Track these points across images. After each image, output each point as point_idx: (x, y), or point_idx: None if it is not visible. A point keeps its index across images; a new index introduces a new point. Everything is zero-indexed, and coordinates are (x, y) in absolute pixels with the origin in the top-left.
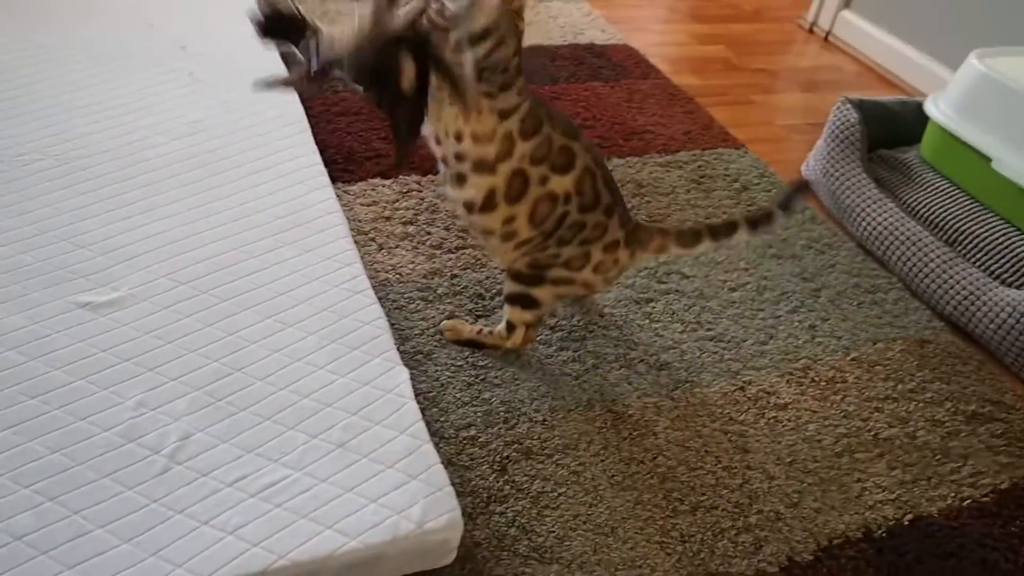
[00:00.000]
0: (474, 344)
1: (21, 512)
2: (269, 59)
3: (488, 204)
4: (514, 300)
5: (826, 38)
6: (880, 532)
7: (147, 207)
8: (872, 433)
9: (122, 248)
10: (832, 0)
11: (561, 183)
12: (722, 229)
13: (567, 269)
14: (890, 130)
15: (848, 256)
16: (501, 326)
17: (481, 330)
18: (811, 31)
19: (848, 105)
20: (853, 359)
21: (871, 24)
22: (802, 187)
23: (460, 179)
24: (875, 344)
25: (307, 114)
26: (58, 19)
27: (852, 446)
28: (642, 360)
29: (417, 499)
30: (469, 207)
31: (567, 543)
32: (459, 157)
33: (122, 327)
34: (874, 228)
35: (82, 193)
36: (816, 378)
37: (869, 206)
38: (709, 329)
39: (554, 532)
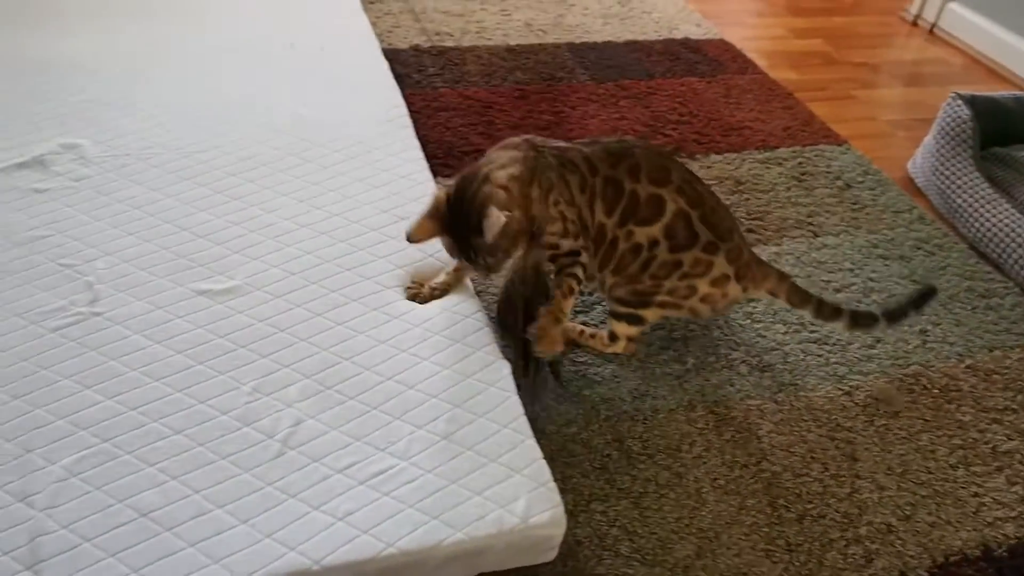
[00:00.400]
0: (574, 344)
1: (147, 489)
2: (372, 56)
3: None
4: (619, 317)
5: (931, 31)
6: (1001, 551)
7: (260, 200)
8: (990, 446)
9: (237, 239)
10: None
11: (646, 232)
12: (827, 309)
13: (672, 296)
14: (1003, 127)
15: (960, 258)
16: (604, 332)
17: (583, 331)
18: (915, 24)
19: (959, 101)
20: (968, 367)
21: (980, 15)
22: (929, 293)
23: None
24: (991, 351)
25: (409, 110)
26: (176, 20)
27: (968, 458)
28: (744, 361)
29: (521, 493)
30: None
31: (670, 546)
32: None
33: (237, 314)
34: (988, 229)
35: (201, 185)
36: (928, 385)
37: (983, 206)
38: (813, 331)
39: (656, 534)
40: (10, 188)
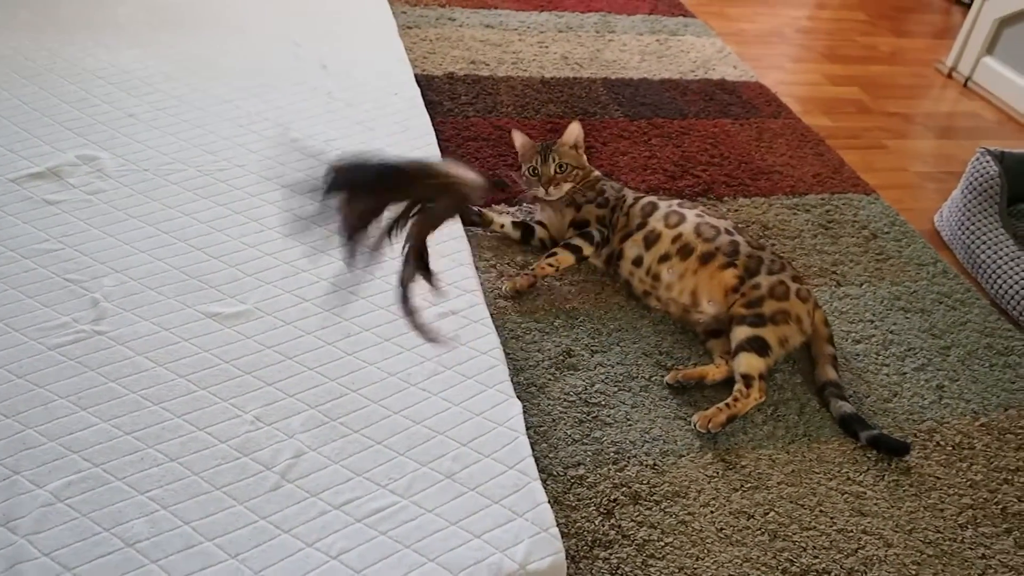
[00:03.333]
0: (732, 420)
1: (136, 518)
2: (404, 82)
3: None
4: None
5: (965, 84)
6: None
7: (277, 223)
8: (1000, 506)
9: (251, 262)
10: (974, 46)
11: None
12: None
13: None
14: None
15: (981, 314)
16: (738, 386)
17: (729, 404)
18: (950, 76)
19: (988, 156)
20: (982, 425)
21: (1015, 72)
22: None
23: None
24: (1007, 410)
25: (438, 138)
26: (209, 35)
27: (977, 519)
28: (758, 410)
29: (521, 538)
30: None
31: None
32: None
33: (246, 339)
34: (1011, 287)
35: (219, 205)
36: (942, 442)
37: (1006, 263)
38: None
39: None
40: (22, 199)
